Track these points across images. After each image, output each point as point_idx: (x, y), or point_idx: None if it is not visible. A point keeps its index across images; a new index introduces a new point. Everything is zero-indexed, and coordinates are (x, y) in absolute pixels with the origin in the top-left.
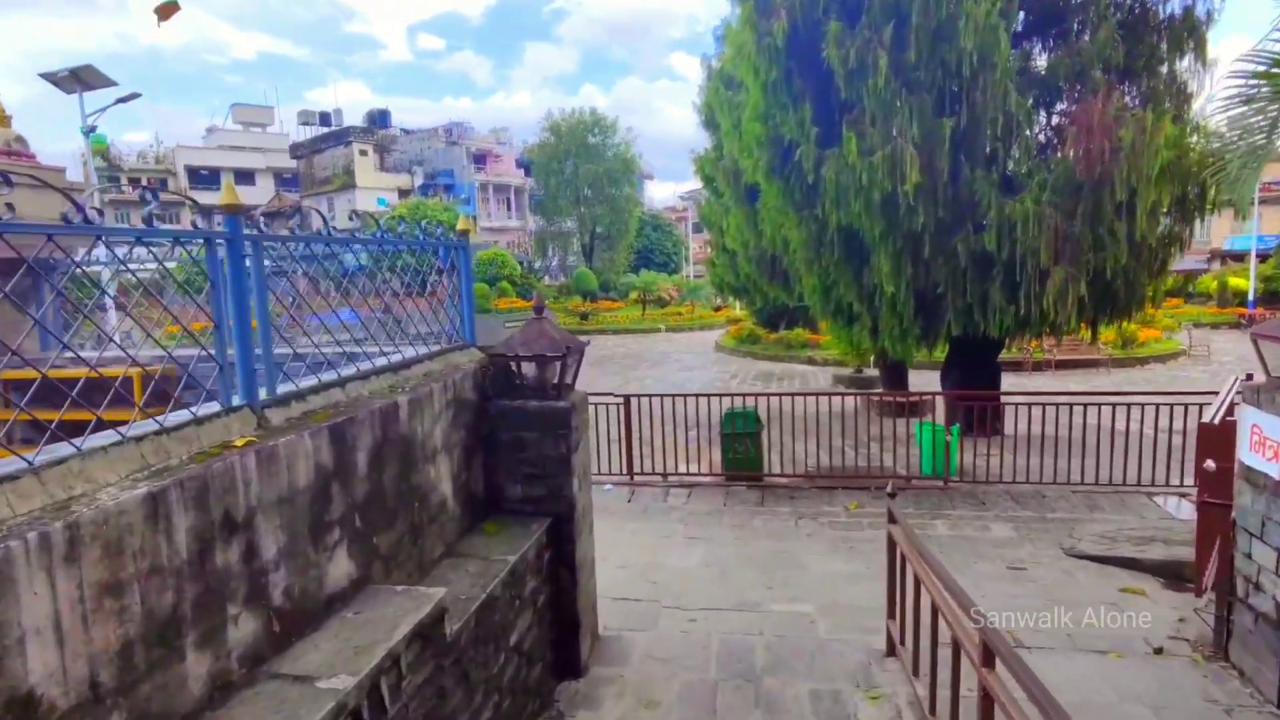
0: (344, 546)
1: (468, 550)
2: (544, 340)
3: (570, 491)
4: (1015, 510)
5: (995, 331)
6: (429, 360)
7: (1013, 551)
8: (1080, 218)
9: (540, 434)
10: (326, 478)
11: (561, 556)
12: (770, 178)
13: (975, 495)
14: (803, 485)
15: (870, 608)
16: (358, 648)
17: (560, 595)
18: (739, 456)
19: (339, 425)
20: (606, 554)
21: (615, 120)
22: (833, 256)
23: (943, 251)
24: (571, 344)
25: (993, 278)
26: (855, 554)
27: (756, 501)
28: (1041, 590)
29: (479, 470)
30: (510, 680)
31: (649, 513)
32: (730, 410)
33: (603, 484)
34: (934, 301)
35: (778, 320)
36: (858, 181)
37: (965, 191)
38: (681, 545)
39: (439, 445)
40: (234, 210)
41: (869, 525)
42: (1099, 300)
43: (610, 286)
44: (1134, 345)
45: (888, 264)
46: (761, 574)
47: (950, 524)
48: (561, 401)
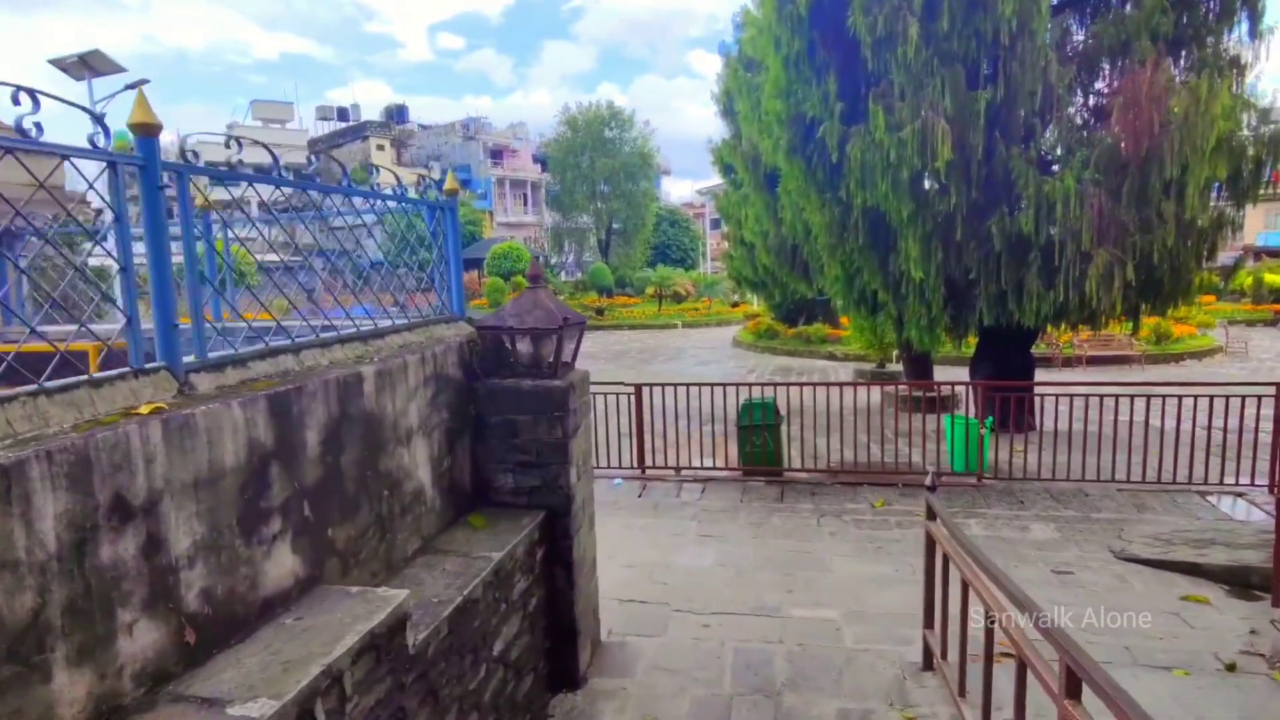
0: (287, 540)
1: (448, 546)
2: (538, 312)
3: (567, 481)
4: (1056, 509)
5: (1030, 320)
6: (407, 331)
7: (1056, 554)
8: (1125, 197)
9: (534, 417)
10: (264, 457)
11: (557, 554)
12: (791, 158)
13: (1011, 493)
14: (824, 481)
15: (902, 614)
16: (288, 663)
17: (555, 598)
18: (756, 450)
19: (282, 395)
20: (613, 552)
21: (632, 114)
22: (857, 242)
23: (975, 235)
24: (570, 316)
25: (1029, 263)
26: (883, 555)
27: (775, 498)
28: (1092, 597)
29: (465, 457)
30: (494, 696)
31: (660, 508)
32: (748, 401)
33: (612, 478)
34: (964, 289)
35: (797, 315)
36: (885, 159)
37: (1000, 170)
38: (694, 543)
39: (414, 426)
40: (148, 131)
41: (897, 524)
42: (1143, 287)
43: (627, 282)
44: (1168, 341)
45: (916, 248)
46: (781, 575)
47: (986, 524)
48: (557, 380)
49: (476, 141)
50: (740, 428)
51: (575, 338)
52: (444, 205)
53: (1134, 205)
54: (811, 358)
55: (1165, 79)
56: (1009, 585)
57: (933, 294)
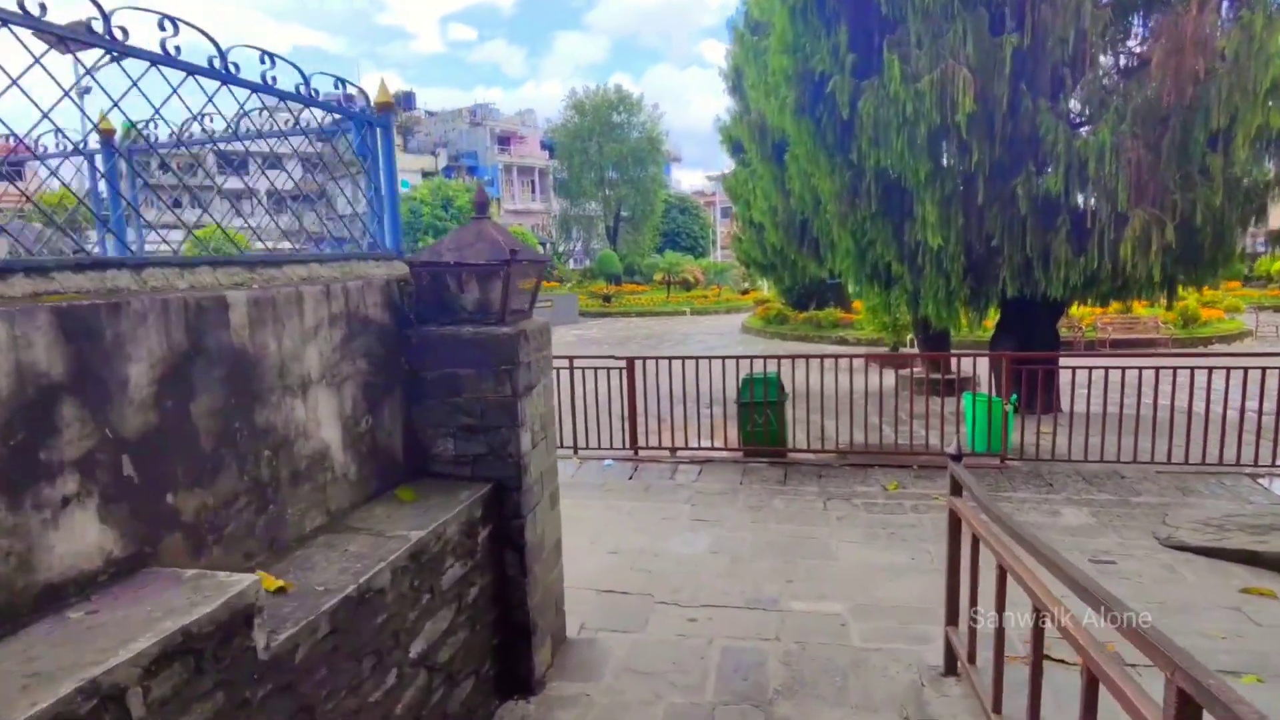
0: (90, 506)
1: (361, 523)
2: (481, 245)
3: (518, 448)
4: (1090, 492)
5: (1058, 291)
6: (317, 264)
7: (1093, 541)
8: (1166, 151)
9: (477, 371)
10: (48, 391)
11: (506, 535)
12: (798, 118)
13: (1039, 475)
14: (832, 463)
15: (919, 608)
16: (38, 676)
17: (505, 587)
18: (758, 429)
19: (82, 312)
20: (596, 536)
21: (640, 98)
22: (869, 209)
23: (998, 197)
24: (521, 251)
25: (1057, 227)
26: (897, 542)
27: (778, 480)
28: (1138, 590)
29: (395, 418)
30: (411, 708)
31: (652, 491)
32: (749, 377)
33: (603, 458)
34: (986, 258)
35: (807, 300)
36: (900, 114)
37: (1027, 125)
38: (687, 528)
39: (314, 375)
40: None
41: (912, 509)
42: (1181, 253)
43: (636, 270)
44: (1195, 325)
45: (934, 213)
46: (781, 563)
47: (1011, 508)
48: (505, 327)
49: (483, 128)
50: (740, 405)
51: (530, 278)
52: (374, 121)
53: (1174, 160)
54: (822, 342)
55: (1212, 20)
56: (1073, 572)
57: (951, 263)
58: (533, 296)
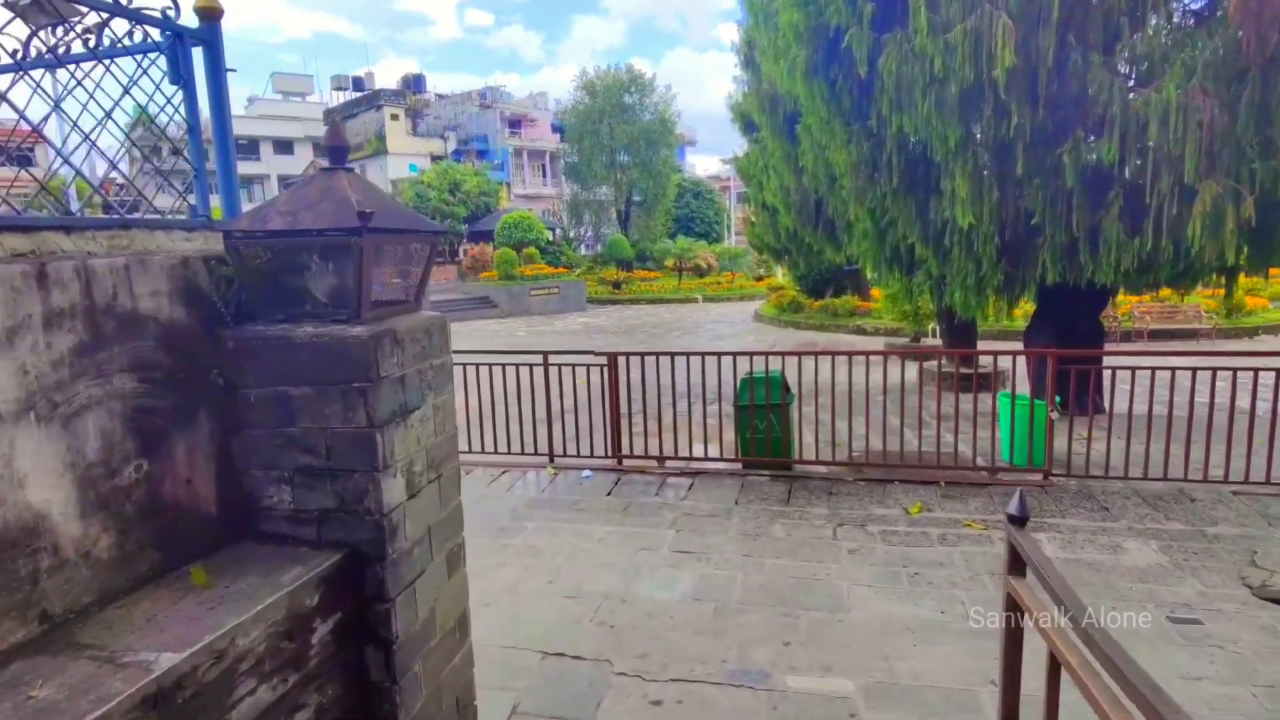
0: None
1: (96, 635)
2: (326, 205)
3: (380, 500)
4: (1155, 519)
5: (1107, 277)
6: (60, 233)
7: (1169, 589)
8: (1244, 112)
9: (318, 390)
10: None
11: (366, 626)
12: (810, 80)
13: (1090, 495)
14: (845, 476)
15: (953, 692)
16: None
17: (366, 700)
18: (759, 437)
19: None
20: (558, 573)
21: (653, 78)
22: (890, 184)
23: (1040, 168)
24: (386, 215)
25: (1108, 202)
26: (922, 586)
27: (780, 498)
28: (1238, 666)
29: (199, 456)
30: None
31: (632, 511)
32: (748, 376)
33: (581, 468)
34: (1024, 238)
35: (824, 287)
36: (927, 72)
37: (1075, 83)
38: (667, 562)
39: (6, 407)
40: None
41: (940, 539)
42: (1256, 232)
43: (648, 255)
44: (1240, 314)
45: (964, 187)
46: (777, 616)
47: (1062, 540)
48: (357, 327)
49: (494, 110)
50: (739, 408)
51: (407, 258)
52: (191, 34)
53: (1254, 123)
54: (838, 331)
55: None
56: None
57: (984, 245)
58: (419, 283)
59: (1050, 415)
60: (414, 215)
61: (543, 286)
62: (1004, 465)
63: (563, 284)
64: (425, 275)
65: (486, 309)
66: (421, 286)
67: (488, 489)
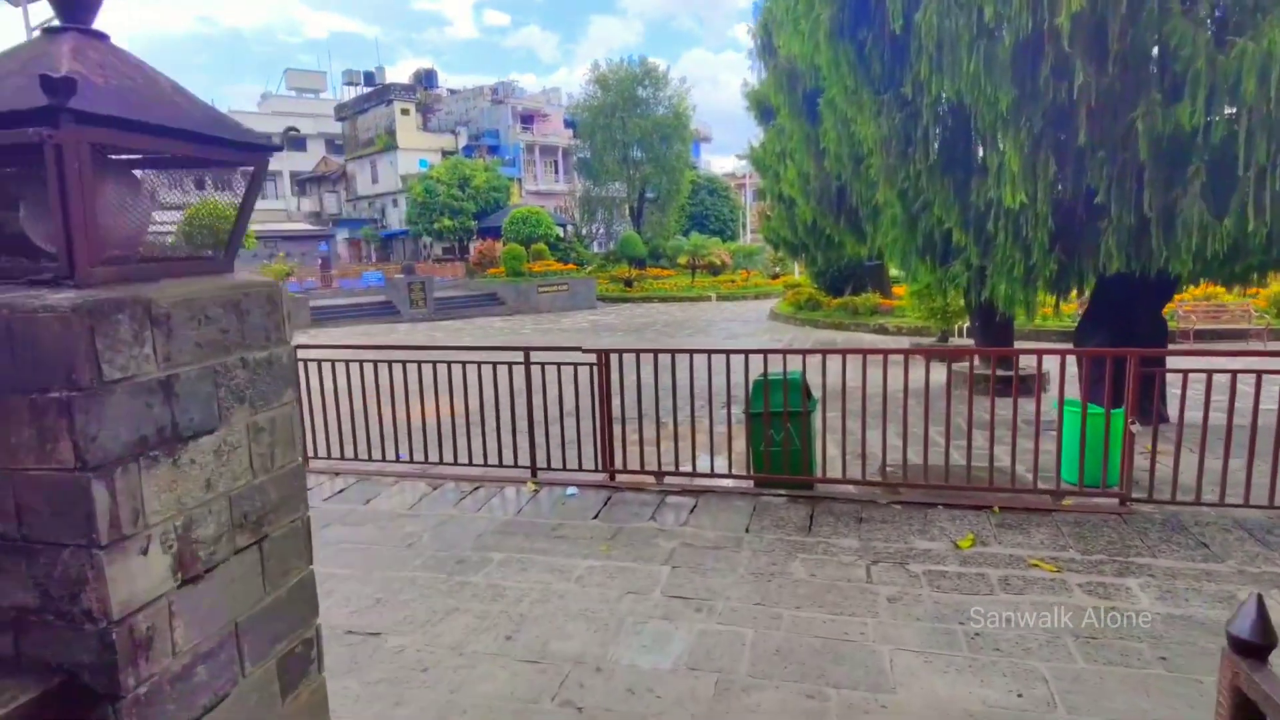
0: None
1: None
2: (16, 81)
3: (104, 596)
4: (1272, 560)
5: (1183, 266)
6: None
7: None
8: None
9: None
10: None
11: None
12: (836, 43)
13: (1181, 527)
14: (877, 498)
15: None
16: None
17: None
18: (775, 450)
19: None
20: (519, 625)
21: (667, 70)
22: (926, 159)
23: (1106, 137)
24: (159, 104)
25: (1187, 177)
26: (988, 654)
27: (800, 525)
28: None
29: None
30: None
31: (621, 540)
32: (763, 377)
33: (567, 485)
34: (1084, 220)
35: (842, 284)
36: (975, 23)
37: (1149, 36)
38: (659, 611)
39: None
40: None
41: (1002, 584)
42: None
43: (661, 253)
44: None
45: (1016, 160)
46: (800, 698)
47: (1159, 588)
48: (60, 292)
49: (506, 106)
50: (751, 416)
51: (199, 185)
52: None
53: None
54: (858, 330)
55: None
56: None
57: (1035, 229)
58: (231, 230)
59: (1130, 427)
60: (215, 115)
61: (551, 283)
62: (1070, 487)
63: (572, 281)
64: (241, 218)
65: (494, 306)
66: (234, 236)
67: (455, 509)
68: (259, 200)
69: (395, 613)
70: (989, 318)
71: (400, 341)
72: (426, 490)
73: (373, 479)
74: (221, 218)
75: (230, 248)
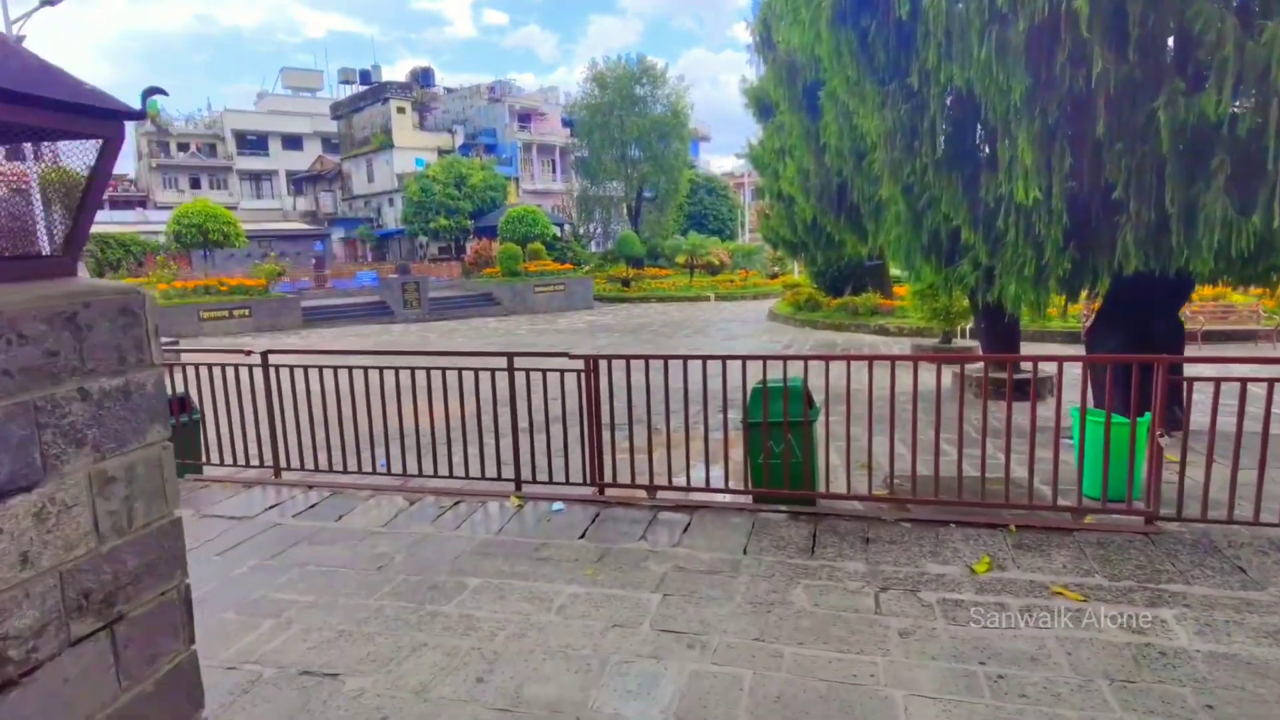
0: None
1: None
2: None
3: None
4: None
5: (1205, 265)
6: None
7: None
8: None
9: None
10: None
11: None
12: (838, 31)
13: (1215, 548)
14: (884, 515)
15: None
16: None
17: None
18: (775, 463)
19: None
20: (492, 663)
21: (665, 68)
22: (933, 153)
23: (1125, 128)
24: None
25: (1211, 171)
26: (1012, 699)
27: (802, 546)
28: None
29: None
30: None
31: (608, 562)
32: (761, 384)
33: (553, 499)
34: (1101, 216)
35: (842, 284)
36: (987, 7)
37: (1172, 21)
38: (646, 649)
39: None
40: None
41: (1024, 615)
42: None
43: (659, 253)
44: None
45: (1029, 153)
46: None
47: (1197, 622)
48: None
49: (503, 104)
50: (748, 426)
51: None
52: None
53: None
54: (859, 331)
55: None
56: None
57: (1048, 226)
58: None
59: (1159, 438)
60: (44, 68)
61: (547, 283)
62: (1091, 503)
63: (568, 281)
64: (85, 206)
65: (489, 306)
66: (77, 228)
67: (432, 526)
68: (255, 199)
69: (358, 648)
70: (995, 319)
71: (392, 343)
72: (404, 505)
73: (347, 492)
74: (54, 204)
75: (72, 243)
